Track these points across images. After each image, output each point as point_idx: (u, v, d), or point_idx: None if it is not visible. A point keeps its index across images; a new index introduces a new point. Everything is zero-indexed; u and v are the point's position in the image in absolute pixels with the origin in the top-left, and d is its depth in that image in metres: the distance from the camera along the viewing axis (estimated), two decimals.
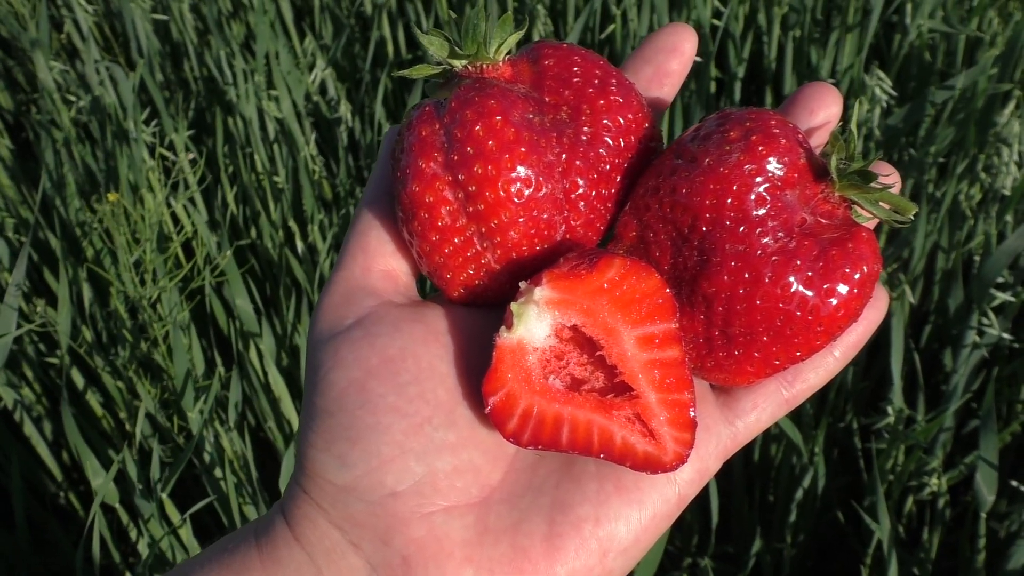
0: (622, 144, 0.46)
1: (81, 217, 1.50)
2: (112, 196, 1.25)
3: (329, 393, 0.44)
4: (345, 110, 1.68)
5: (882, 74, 1.51)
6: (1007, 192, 1.43)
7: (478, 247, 0.45)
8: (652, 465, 0.43)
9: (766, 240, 0.43)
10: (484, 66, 0.47)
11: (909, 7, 1.65)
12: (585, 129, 0.46)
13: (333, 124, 1.74)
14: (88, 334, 1.39)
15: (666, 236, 0.45)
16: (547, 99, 0.46)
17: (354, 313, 0.46)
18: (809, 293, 0.42)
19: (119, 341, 1.39)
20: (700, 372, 0.46)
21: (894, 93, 1.54)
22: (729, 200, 0.43)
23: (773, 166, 0.43)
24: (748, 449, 1.45)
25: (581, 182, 0.46)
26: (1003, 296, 1.30)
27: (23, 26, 1.83)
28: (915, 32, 1.65)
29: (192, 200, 1.56)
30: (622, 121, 0.46)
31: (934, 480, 1.27)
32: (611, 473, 0.45)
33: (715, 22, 1.65)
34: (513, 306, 0.43)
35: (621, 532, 0.44)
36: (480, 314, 0.48)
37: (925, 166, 1.48)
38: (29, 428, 1.36)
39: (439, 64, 0.47)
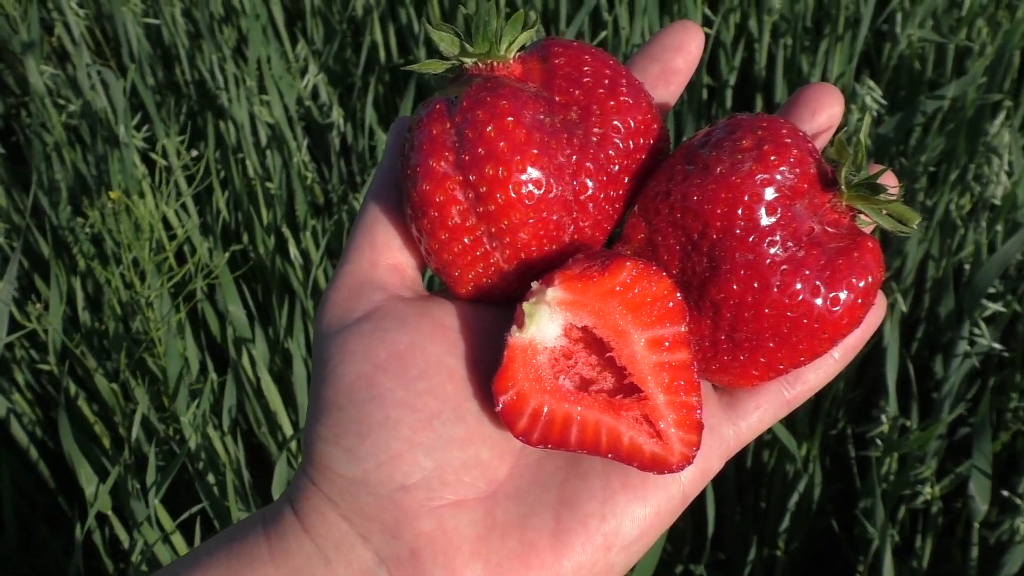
0: (631, 146, 0.47)
1: (72, 223, 1.49)
2: (114, 194, 1.24)
3: (338, 386, 0.44)
4: (337, 115, 1.68)
5: (872, 83, 1.52)
6: (997, 202, 1.44)
7: (487, 246, 0.45)
8: (659, 465, 0.43)
9: (775, 250, 0.43)
10: (495, 64, 0.47)
11: (899, 16, 1.66)
12: (595, 130, 0.46)
13: (325, 129, 1.74)
14: (80, 340, 1.38)
15: (675, 241, 0.46)
16: (557, 99, 0.46)
17: (362, 307, 0.47)
18: (816, 302, 0.43)
19: (112, 346, 1.39)
20: (705, 374, 0.47)
21: (884, 102, 1.55)
22: (740, 210, 0.43)
23: (784, 176, 0.44)
24: (741, 455, 1.45)
25: (590, 184, 0.46)
26: (994, 306, 1.30)
27: (14, 29, 1.82)
28: (905, 41, 1.66)
29: (184, 206, 1.56)
30: (632, 123, 0.46)
31: (927, 489, 1.27)
32: (617, 470, 0.45)
33: (706, 30, 1.66)
34: (525, 306, 0.43)
35: (626, 528, 0.44)
36: (486, 310, 0.48)
37: (916, 175, 1.49)
38: (19, 433, 1.36)
39: (448, 60, 0.47)
